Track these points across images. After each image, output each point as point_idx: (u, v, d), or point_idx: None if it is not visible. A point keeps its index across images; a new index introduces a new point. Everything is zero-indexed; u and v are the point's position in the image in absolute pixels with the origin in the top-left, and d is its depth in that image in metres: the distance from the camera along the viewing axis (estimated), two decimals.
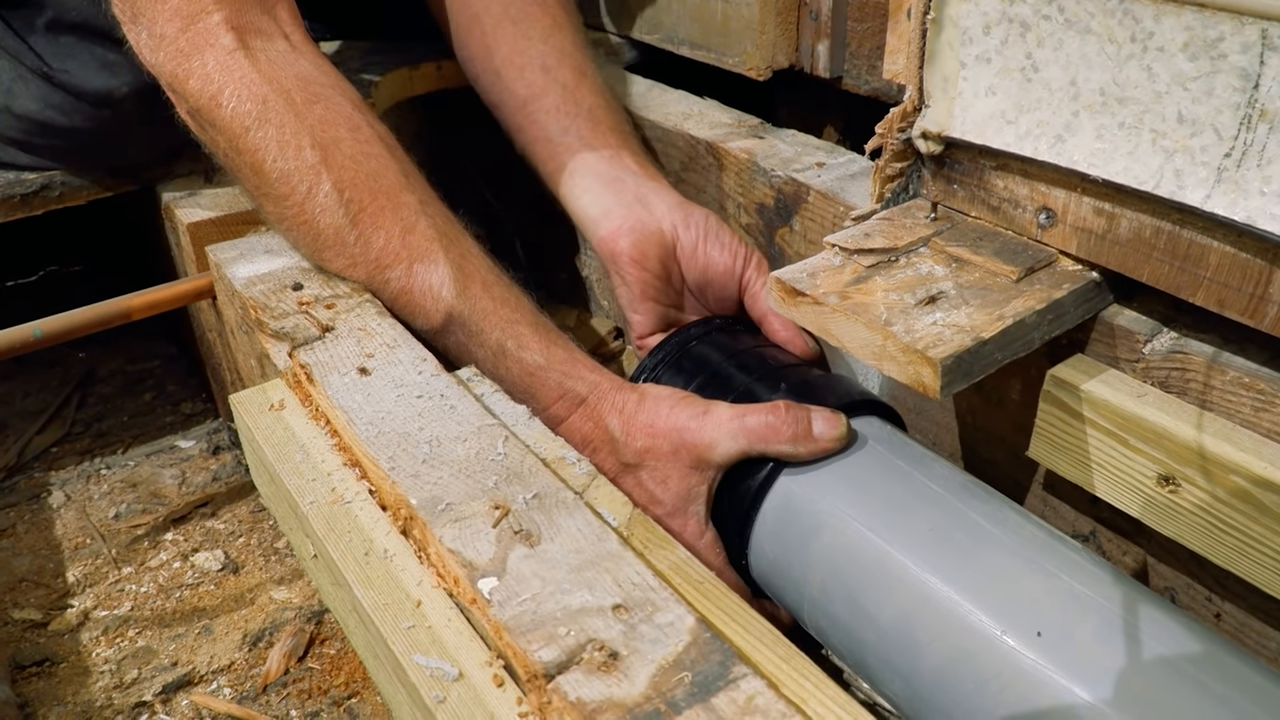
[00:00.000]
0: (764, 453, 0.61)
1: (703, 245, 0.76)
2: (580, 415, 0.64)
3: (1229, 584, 0.60)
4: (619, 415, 0.63)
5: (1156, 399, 0.57)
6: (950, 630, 0.52)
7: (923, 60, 0.63)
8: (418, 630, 0.47)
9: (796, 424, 0.60)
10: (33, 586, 0.83)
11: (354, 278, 0.68)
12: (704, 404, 0.62)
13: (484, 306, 0.66)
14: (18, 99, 0.78)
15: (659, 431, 0.62)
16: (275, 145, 0.65)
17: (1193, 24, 0.50)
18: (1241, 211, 0.50)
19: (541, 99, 0.82)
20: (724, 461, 0.61)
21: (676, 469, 0.62)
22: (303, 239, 0.69)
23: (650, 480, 0.63)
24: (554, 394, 0.65)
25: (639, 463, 0.62)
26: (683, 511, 0.63)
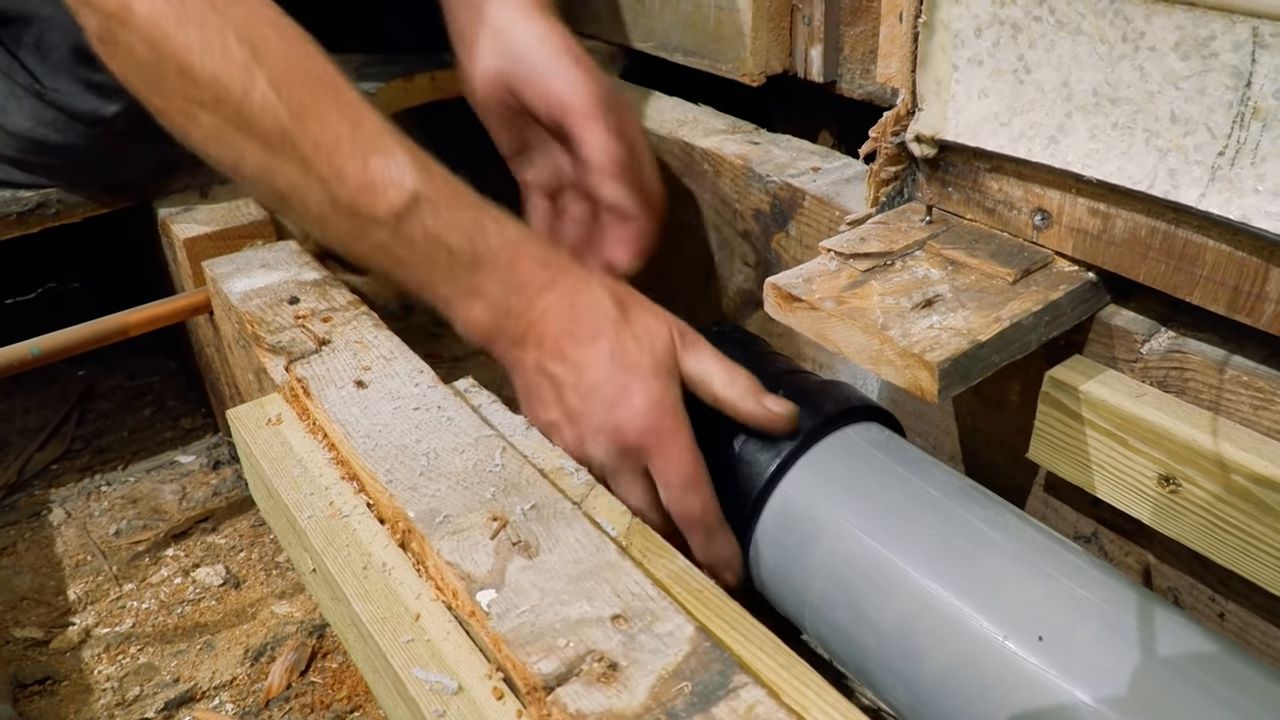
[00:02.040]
0: (716, 394, 0.62)
1: (540, 78, 0.74)
2: (565, 276, 0.64)
3: (1232, 584, 0.60)
4: (603, 280, 0.64)
5: (1155, 399, 0.57)
6: (952, 635, 0.52)
7: (915, 64, 0.63)
8: (417, 643, 0.46)
9: (752, 382, 0.62)
10: (34, 604, 0.83)
11: (307, 186, 0.62)
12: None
13: (452, 189, 0.64)
14: (11, 116, 0.78)
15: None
16: (199, 45, 0.60)
17: (1184, 23, 0.50)
18: (1236, 210, 0.50)
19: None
20: (696, 361, 0.63)
21: (663, 328, 0.63)
22: (247, 150, 0.63)
23: (640, 332, 0.63)
24: (539, 260, 0.64)
25: (631, 318, 0.63)
26: (665, 370, 0.62)
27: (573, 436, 0.62)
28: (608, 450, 0.61)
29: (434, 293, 0.64)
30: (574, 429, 0.62)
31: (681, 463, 0.61)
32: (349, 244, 0.64)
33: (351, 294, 0.71)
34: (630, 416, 0.60)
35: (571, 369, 0.62)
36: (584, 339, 0.62)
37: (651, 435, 0.60)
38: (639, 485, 0.62)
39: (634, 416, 0.60)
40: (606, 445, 0.61)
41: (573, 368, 0.62)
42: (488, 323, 0.64)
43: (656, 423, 0.60)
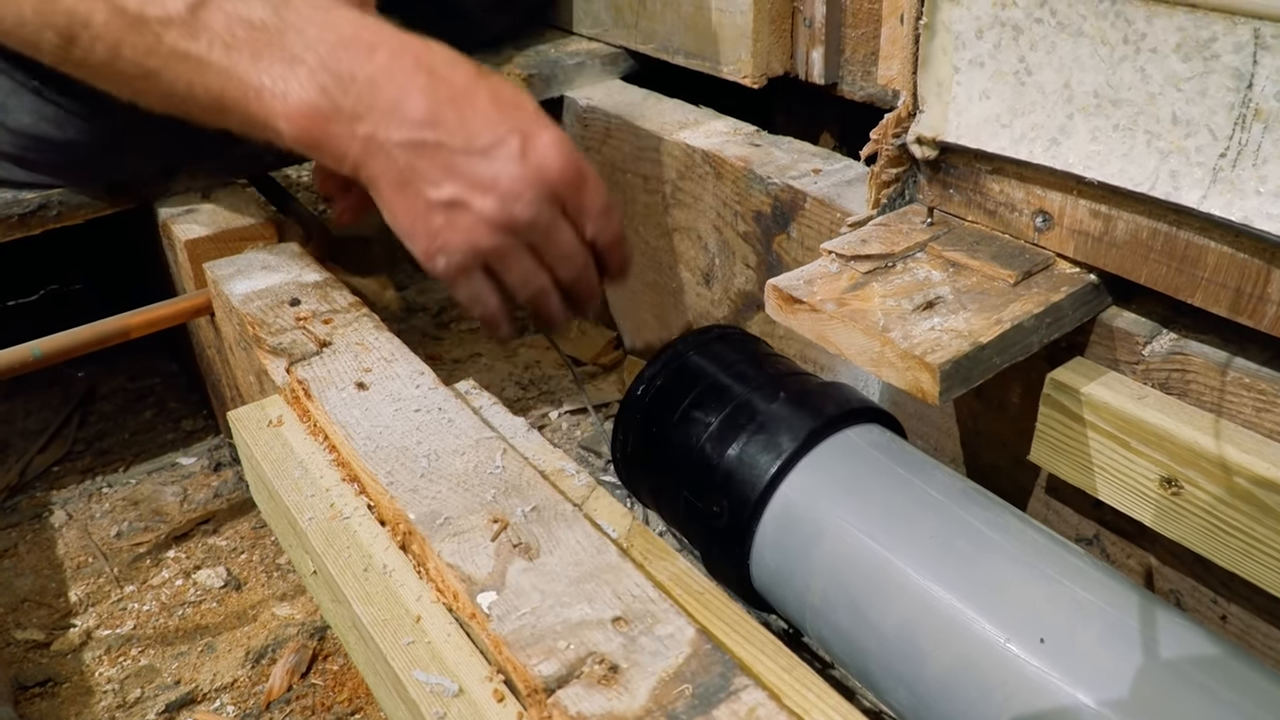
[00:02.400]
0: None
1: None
2: (389, 33, 0.57)
3: (1234, 586, 0.60)
4: (445, 55, 0.58)
5: (1157, 401, 0.57)
6: (953, 638, 0.52)
7: (916, 65, 0.63)
8: (417, 646, 0.46)
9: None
10: (35, 606, 0.83)
11: (92, 10, 0.56)
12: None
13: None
14: (11, 113, 0.78)
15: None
16: None
17: (1185, 25, 0.50)
18: (1238, 211, 0.50)
19: None
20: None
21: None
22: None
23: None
24: (355, 19, 0.56)
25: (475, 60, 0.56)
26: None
27: (491, 205, 0.54)
28: (537, 200, 0.55)
29: (242, 89, 0.55)
30: (488, 195, 0.54)
31: (599, 188, 0.57)
32: (145, 62, 0.56)
33: (352, 296, 0.71)
34: (549, 157, 0.55)
35: (455, 129, 0.54)
36: (454, 95, 0.55)
37: (572, 170, 0.56)
38: (568, 229, 0.57)
39: (552, 156, 0.55)
40: (535, 195, 0.55)
41: (456, 127, 0.54)
42: (315, 102, 0.54)
43: (571, 156, 0.56)
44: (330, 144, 0.55)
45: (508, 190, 0.55)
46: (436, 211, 0.55)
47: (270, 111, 0.56)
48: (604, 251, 0.60)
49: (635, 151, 0.96)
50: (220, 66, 0.55)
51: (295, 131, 0.56)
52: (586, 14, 1.11)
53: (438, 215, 0.56)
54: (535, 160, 0.55)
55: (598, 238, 0.59)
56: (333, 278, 0.73)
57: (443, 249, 0.57)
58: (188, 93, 0.57)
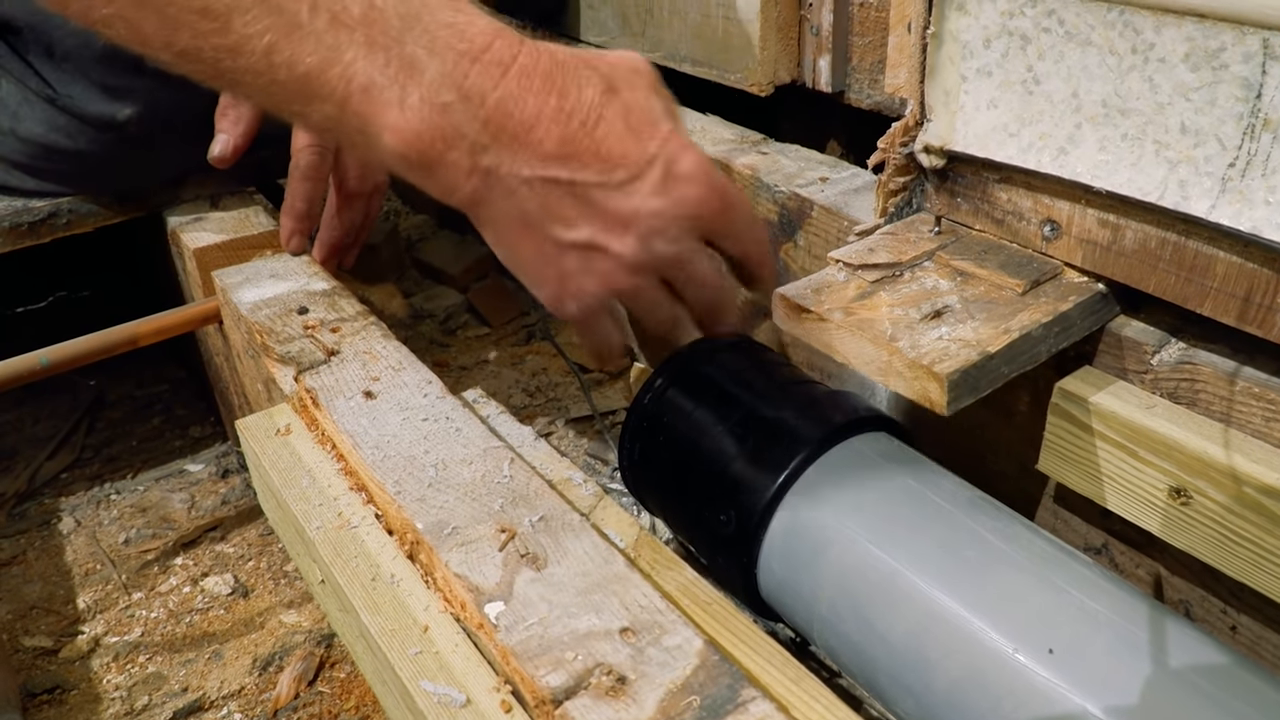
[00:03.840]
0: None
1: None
2: (523, 43, 0.49)
3: (1244, 596, 0.60)
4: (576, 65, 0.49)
5: (1166, 410, 0.57)
6: (961, 648, 0.52)
7: (924, 74, 0.63)
8: (425, 656, 0.46)
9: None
10: (43, 613, 0.83)
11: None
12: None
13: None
14: (24, 122, 0.78)
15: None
16: None
17: (1193, 34, 0.49)
18: (1247, 221, 0.50)
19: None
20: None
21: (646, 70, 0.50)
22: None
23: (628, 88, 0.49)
24: (489, 34, 0.47)
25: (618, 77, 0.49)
26: (678, 117, 0.50)
27: (631, 246, 0.49)
28: (680, 238, 0.50)
29: (344, 79, 0.44)
30: (627, 235, 0.49)
31: (743, 208, 0.52)
32: (218, 38, 0.44)
33: (360, 304, 0.71)
34: (691, 187, 0.49)
35: (589, 161, 0.47)
36: (586, 118, 0.48)
37: (716, 197, 0.50)
38: (707, 259, 0.52)
39: (694, 185, 0.49)
40: (677, 232, 0.50)
41: (590, 159, 0.47)
42: (436, 121, 0.45)
43: (715, 180, 0.50)
44: (444, 171, 0.47)
45: (648, 228, 0.49)
46: (569, 255, 0.50)
47: (378, 117, 0.45)
48: (750, 267, 0.56)
49: None
50: (321, 40, 0.44)
51: (403, 148, 0.46)
52: (594, 22, 1.12)
53: (570, 259, 0.50)
54: (678, 192, 0.50)
55: (745, 257, 0.55)
56: (341, 286, 0.74)
57: (576, 294, 0.52)
58: (262, 56, 0.44)
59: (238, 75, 0.45)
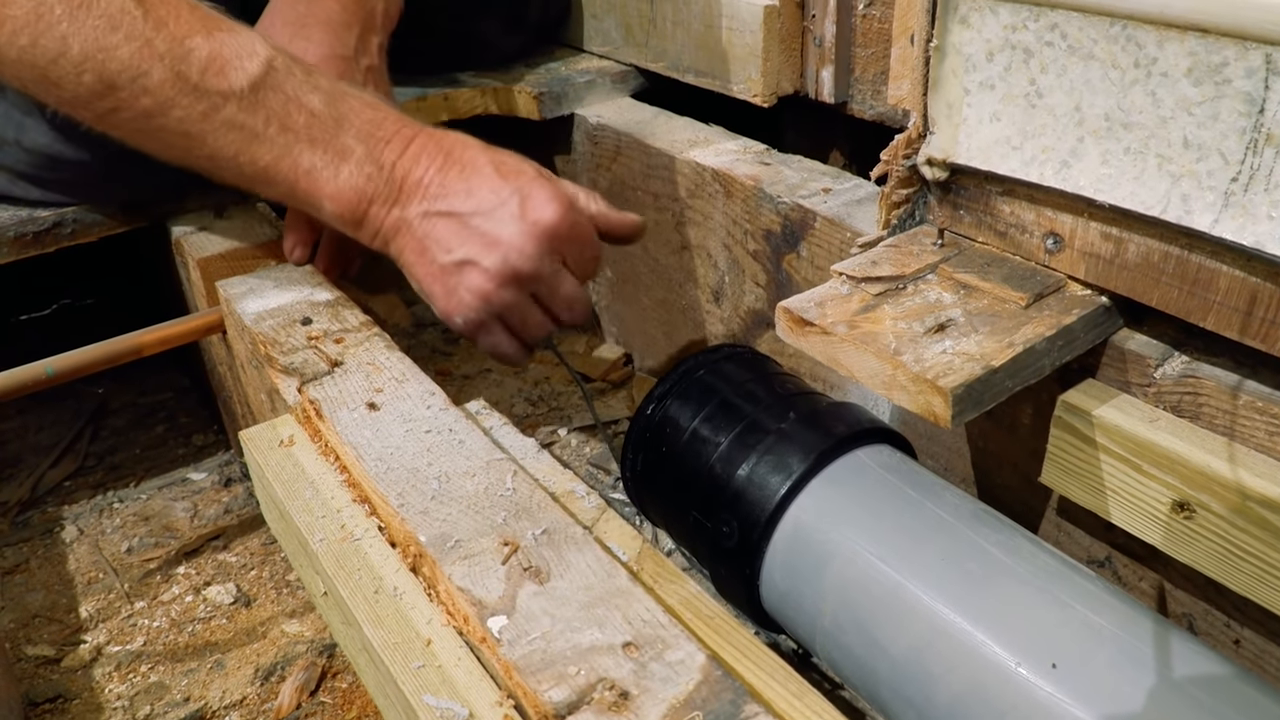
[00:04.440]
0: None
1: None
2: (423, 129, 0.64)
3: (1248, 610, 0.59)
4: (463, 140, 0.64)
5: (1169, 424, 0.57)
6: (964, 662, 0.52)
7: (926, 87, 0.63)
8: (428, 670, 0.46)
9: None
10: (46, 622, 0.83)
11: (152, 68, 0.58)
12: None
13: (303, 61, 0.63)
14: (28, 133, 0.78)
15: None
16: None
17: (1196, 49, 0.50)
18: (1250, 236, 0.50)
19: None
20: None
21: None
22: (83, 29, 0.57)
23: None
24: (398, 118, 0.64)
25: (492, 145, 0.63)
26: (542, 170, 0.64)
27: (497, 260, 0.61)
28: (538, 254, 0.61)
29: (294, 167, 0.61)
30: (494, 251, 0.61)
31: (593, 241, 0.65)
32: (191, 126, 0.60)
33: (364, 315, 0.71)
34: (546, 213, 0.61)
35: (463, 197, 0.61)
36: (464, 169, 0.62)
37: (567, 223, 0.62)
38: (569, 277, 0.64)
39: (548, 211, 0.61)
40: (536, 249, 0.61)
41: (464, 196, 0.61)
42: (359, 187, 0.61)
43: (566, 209, 0.62)
44: (368, 223, 0.63)
45: (509, 245, 0.61)
46: (450, 273, 0.62)
47: (318, 191, 0.62)
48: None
49: (645, 169, 0.96)
50: (275, 143, 0.60)
51: (339, 210, 0.62)
52: (597, 32, 1.12)
53: (451, 276, 0.62)
54: (532, 216, 0.61)
55: (587, 268, 0.67)
56: (344, 296, 0.74)
57: (458, 306, 0.63)
58: (231, 160, 0.61)
59: (217, 172, 0.63)
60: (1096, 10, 0.53)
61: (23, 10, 0.57)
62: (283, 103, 0.60)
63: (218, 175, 0.64)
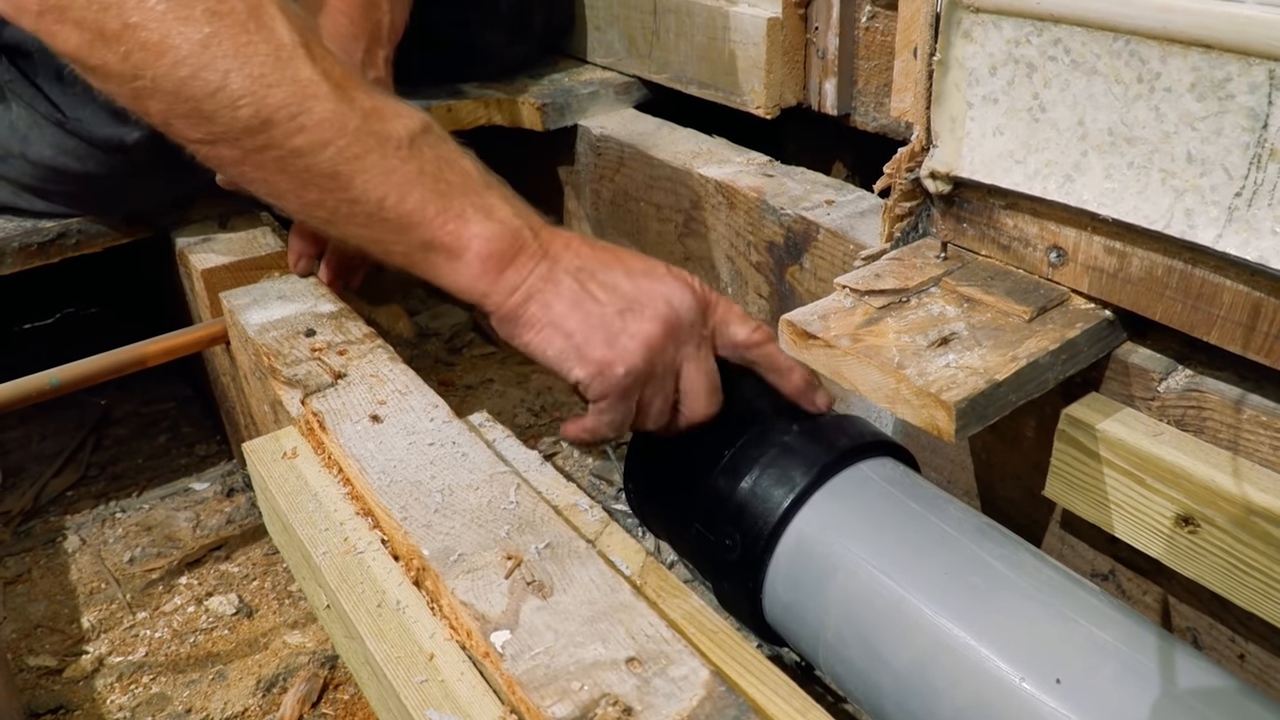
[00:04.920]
0: (736, 339, 0.65)
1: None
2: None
3: (1253, 625, 0.59)
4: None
5: (1173, 438, 0.56)
6: (968, 676, 0.52)
7: (930, 100, 0.63)
8: (431, 684, 0.46)
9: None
10: (48, 632, 0.83)
11: (315, 106, 0.58)
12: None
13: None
14: (33, 146, 0.79)
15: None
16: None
17: (1199, 65, 0.50)
18: (1254, 251, 0.50)
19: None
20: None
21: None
22: (254, 53, 0.57)
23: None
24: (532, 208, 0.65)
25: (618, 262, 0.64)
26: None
27: (661, 309, 0.61)
28: (695, 310, 0.63)
29: (443, 210, 0.60)
30: (656, 302, 0.62)
31: (733, 303, 0.66)
32: (343, 166, 0.59)
33: (367, 327, 0.71)
34: (691, 279, 0.63)
35: (614, 263, 0.63)
36: (608, 248, 0.64)
37: (707, 290, 0.64)
38: (711, 353, 0.65)
39: (692, 278, 0.63)
40: (693, 305, 0.63)
41: (615, 262, 0.63)
42: (513, 231, 0.61)
43: (705, 287, 0.64)
44: (516, 270, 0.61)
45: (669, 295, 0.61)
46: (613, 320, 0.61)
47: (467, 233, 0.61)
48: (765, 356, 0.67)
49: (648, 180, 0.96)
50: (427, 189, 0.60)
51: (490, 250, 0.61)
52: (600, 44, 1.12)
53: (615, 322, 0.61)
54: (683, 278, 0.63)
55: (751, 338, 0.66)
56: (348, 308, 0.74)
57: (621, 355, 0.61)
58: (376, 203, 0.60)
59: (348, 220, 0.61)
60: (1100, 25, 0.53)
61: (189, 42, 0.56)
62: (436, 159, 0.61)
63: (342, 227, 0.62)
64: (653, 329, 0.60)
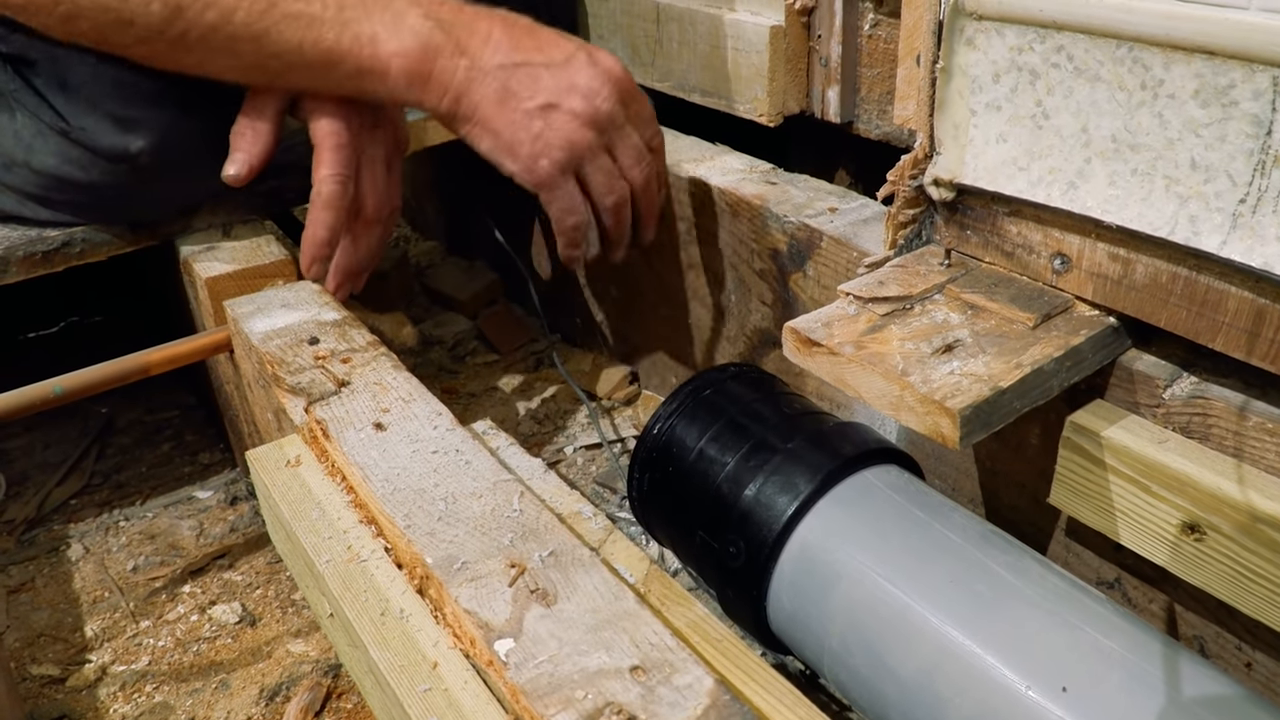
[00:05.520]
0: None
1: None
2: (475, 5, 0.69)
3: (1260, 633, 0.59)
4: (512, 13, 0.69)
5: (1178, 445, 0.56)
6: (974, 685, 0.52)
7: (933, 107, 0.63)
8: (434, 693, 0.46)
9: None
10: (51, 641, 0.83)
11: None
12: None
13: None
14: (37, 154, 0.79)
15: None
16: None
17: (1203, 71, 0.50)
18: (1259, 257, 0.50)
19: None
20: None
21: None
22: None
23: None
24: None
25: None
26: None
27: (579, 102, 0.65)
28: (613, 97, 0.66)
29: (355, 38, 0.64)
30: (574, 95, 0.65)
31: (647, 99, 0.72)
32: (255, 25, 0.63)
33: (371, 334, 0.71)
34: (612, 65, 0.67)
35: (534, 51, 0.65)
36: (527, 29, 0.67)
37: (629, 77, 0.69)
38: (634, 132, 0.70)
39: (613, 64, 0.67)
40: (611, 92, 0.66)
41: (535, 50, 0.65)
42: (424, 40, 0.64)
43: (624, 67, 0.68)
44: (438, 77, 0.65)
45: (588, 89, 0.65)
46: (535, 117, 0.65)
47: (384, 53, 0.64)
48: (653, 154, 0.73)
49: None
50: (335, 20, 0.64)
51: (408, 66, 0.64)
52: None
53: (536, 120, 0.65)
54: (603, 66, 0.67)
55: (651, 141, 0.72)
56: (351, 316, 0.74)
57: (545, 149, 0.66)
58: (295, 50, 0.64)
59: (285, 73, 0.66)
60: (1103, 32, 0.53)
61: None
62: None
63: (286, 78, 0.67)
64: (571, 123, 0.65)
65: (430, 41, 0.65)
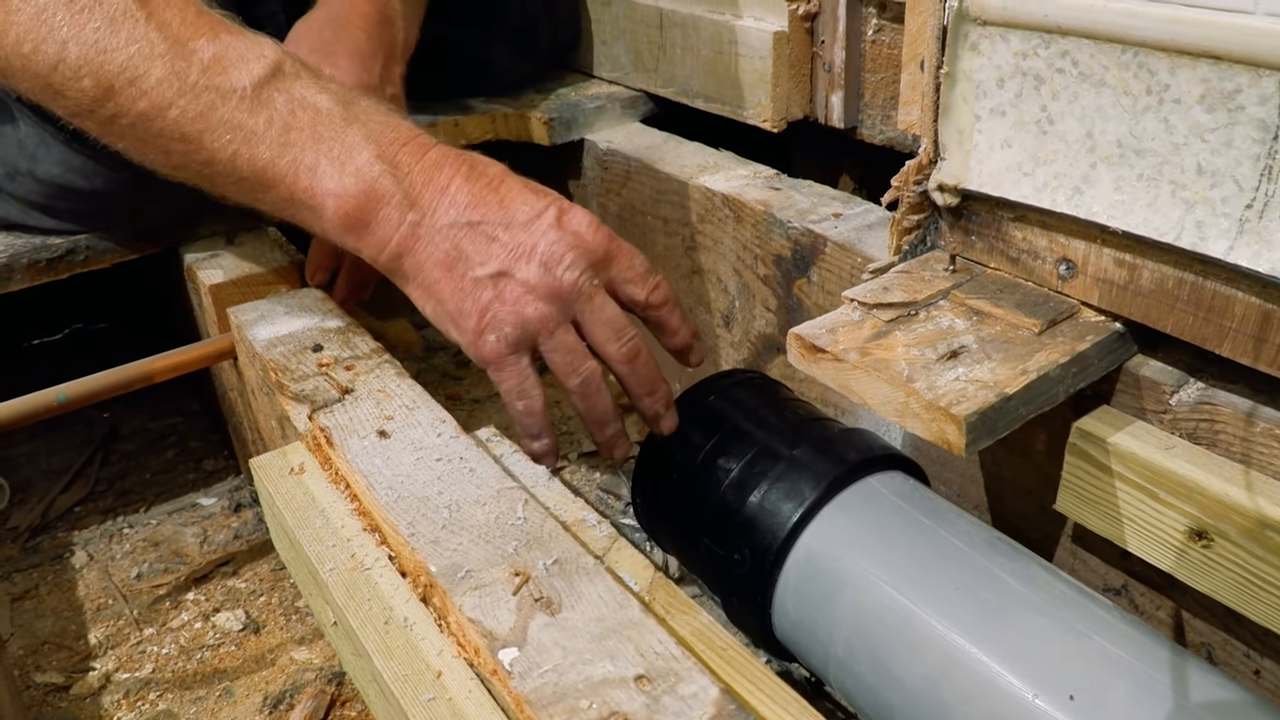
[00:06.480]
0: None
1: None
2: (445, 147, 0.60)
3: (1268, 640, 0.59)
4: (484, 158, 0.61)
5: (1185, 451, 0.56)
6: (980, 693, 0.51)
7: (937, 113, 0.63)
8: (438, 703, 0.46)
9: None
10: (55, 649, 0.83)
11: (151, 68, 0.57)
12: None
13: (318, 69, 0.61)
14: (41, 164, 0.79)
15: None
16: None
17: (1209, 76, 0.49)
18: (1265, 262, 0.50)
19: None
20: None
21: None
22: (86, 25, 0.56)
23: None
24: (412, 131, 0.60)
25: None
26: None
27: (535, 270, 0.57)
28: (578, 265, 0.57)
29: (294, 163, 0.57)
30: (531, 262, 0.57)
31: (636, 254, 0.61)
32: (188, 127, 0.57)
33: (374, 342, 0.71)
34: (582, 224, 0.58)
35: (496, 208, 0.58)
36: (492, 181, 0.59)
37: (605, 238, 0.59)
38: (611, 301, 0.60)
39: (584, 224, 0.58)
40: (575, 259, 0.57)
41: (497, 207, 0.58)
42: (370, 184, 0.57)
43: (602, 227, 0.59)
44: (379, 227, 0.58)
45: (548, 255, 0.57)
46: (484, 286, 0.57)
47: (320, 189, 0.58)
48: (658, 311, 0.61)
49: (655, 194, 0.96)
50: (277, 141, 0.57)
51: (344, 209, 0.57)
52: (607, 58, 1.12)
53: (485, 290, 0.57)
54: (571, 227, 0.58)
55: (650, 298, 0.61)
56: (355, 323, 0.74)
57: (491, 323, 0.58)
58: (228, 162, 0.58)
59: (215, 181, 0.61)
60: (1108, 37, 0.53)
61: (26, 17, 0.56)
62: (287, 103, 0.58)
63: (217, 187, 0.61)
64: (525, 295, 0.57)
65: (375, 188, 0.57)
